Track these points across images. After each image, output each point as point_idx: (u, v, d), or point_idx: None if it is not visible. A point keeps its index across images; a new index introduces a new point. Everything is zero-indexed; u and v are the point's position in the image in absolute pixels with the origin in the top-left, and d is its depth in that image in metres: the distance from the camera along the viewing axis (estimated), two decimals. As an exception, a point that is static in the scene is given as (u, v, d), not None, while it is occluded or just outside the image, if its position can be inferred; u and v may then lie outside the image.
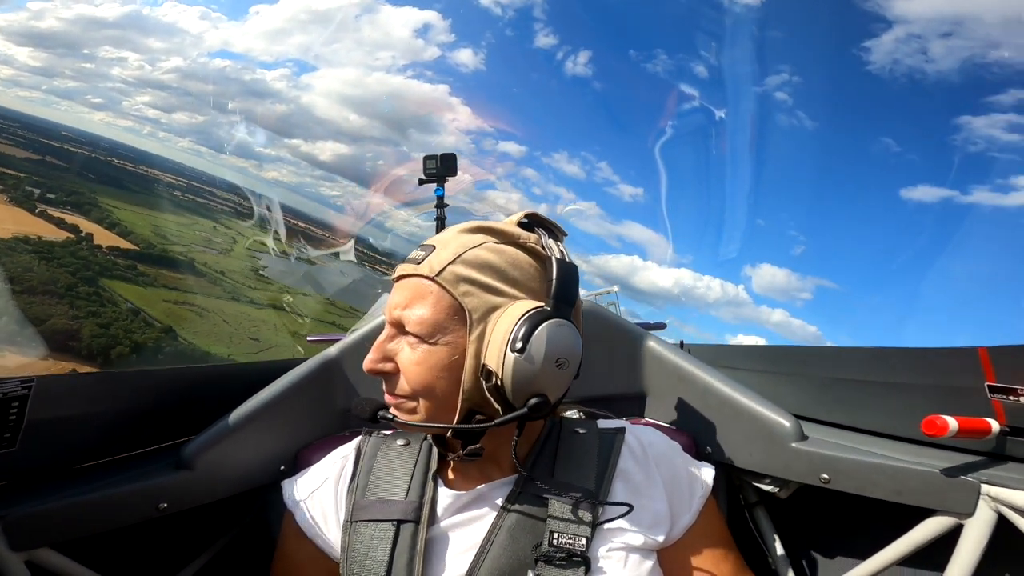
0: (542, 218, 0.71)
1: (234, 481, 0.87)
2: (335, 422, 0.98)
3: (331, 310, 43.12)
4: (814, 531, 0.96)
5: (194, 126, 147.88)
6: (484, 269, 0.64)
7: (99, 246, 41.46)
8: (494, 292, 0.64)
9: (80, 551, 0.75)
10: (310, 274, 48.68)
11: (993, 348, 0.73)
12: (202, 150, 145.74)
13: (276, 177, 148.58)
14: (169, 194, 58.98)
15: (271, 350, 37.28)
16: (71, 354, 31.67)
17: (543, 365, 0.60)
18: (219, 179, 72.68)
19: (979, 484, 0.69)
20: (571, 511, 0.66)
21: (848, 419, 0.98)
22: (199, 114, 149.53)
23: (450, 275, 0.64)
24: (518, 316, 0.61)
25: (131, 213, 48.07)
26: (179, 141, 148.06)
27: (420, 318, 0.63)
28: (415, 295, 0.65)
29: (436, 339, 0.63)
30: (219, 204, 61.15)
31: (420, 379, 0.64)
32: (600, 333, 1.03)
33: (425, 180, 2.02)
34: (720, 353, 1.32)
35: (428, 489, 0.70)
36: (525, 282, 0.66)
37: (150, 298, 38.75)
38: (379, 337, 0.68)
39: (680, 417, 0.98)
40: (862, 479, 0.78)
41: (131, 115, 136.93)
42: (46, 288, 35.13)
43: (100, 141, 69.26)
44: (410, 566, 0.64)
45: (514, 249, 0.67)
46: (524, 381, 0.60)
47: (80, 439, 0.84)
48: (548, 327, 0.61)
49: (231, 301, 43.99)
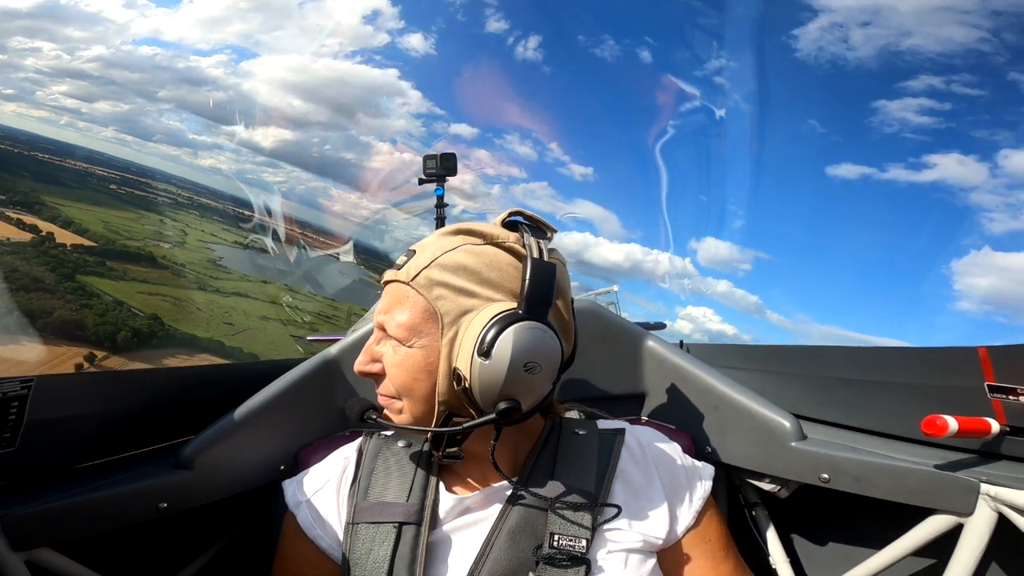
0: (529, 215, 0.70)
1: (234, 481, 0.87)
2: (335, 422, 0.98)
3: (296, 297, 46.55)
4: (814, 531, 0.96)
5: (118, 115, 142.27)
6: (459, 272, 0.64)
7: (63, 244, 43.39)
8: (467, 295, 0.64)
9: (80, 551, 0.75)
10: (266, 263, 50.62)
11: (993, 348, 0.73)
12: (128, 139, 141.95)
13: (213, 164, 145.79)
14: (107, 188, 59.35)
15: (245, 332, 40.42)
16: (82, 341, 33.78)
17: (510, 370, 0.59)
18: (155, 170, 72.66)
19: (979, 483, 0.69)
20: (571, 513, 0.66)
21: (848, 419, 0.98)
22: (124, 102, 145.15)
23: (424, 279, 0.64)
24: (487, 320, 0.61)
25: (78, 210, 49.54)
26: (102, 130, 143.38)
27: (399, 322, 0.65)
28: (395, 300, 0.67)
29: (412, 342, 0.65)
30: (159, 195, 62.05)
31: (400, 381, 0.66)
32: (600, 333, 1.03)
33: (425, 180, 2.02)
34: (720, 353, 1.32)
35: (430, 492, 0.70)
36: (503, 283, 0.64)
37: (127, 291, 40.98)
38: (369, 340, 0.70)
39: (680, 417, 0.98)
40: (862, 478, 0.78)
41: (46, 105, 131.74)
42: (38, 286, 36.92)
43: (18, 134, 69.38)
44: (411, 568, 0.64)
45: (494, 249, 0.66)
46: (491, 386, 0.60)
47: (80, 439, 0.84)
48: (515, 331, 0.59)
49: (199, 291, 46.51)
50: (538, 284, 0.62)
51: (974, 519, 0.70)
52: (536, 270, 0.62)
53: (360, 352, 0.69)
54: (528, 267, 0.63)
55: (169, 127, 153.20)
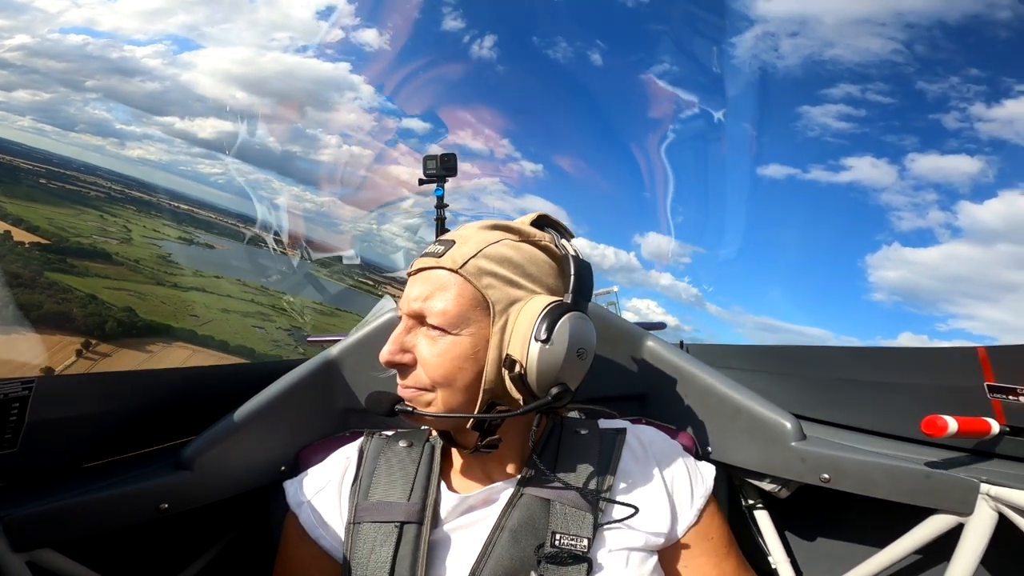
0: (552, 220, 0.75)
1: (235, 482, 0.87)
2: (336, 423, 0.98)
3: (246, 291, 48.28)
4: (814, 531, 0.96)
5: (37, 104, 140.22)
6: (504, 264, 0.66)
7: (22, 242, 44.36)
8: (514, 285, 0.66)
9: (81, 552, 0.75)
10: (220, 259, 52.00)
11: (992, 348, 0.73)
12: (46, 128, 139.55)
13: (142, 155, 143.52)
14: (36, 182, 58.87)
15: (209, 324, 41.90)
16: (73, 331, 34.76)
17: (567, 355, 0.63)
18: (76, 161, 71.70)
19: (979, 483, 0.69)
20: (573, 512, 0.66)
21: (848, 419, 0.98)
22: (44, 91, 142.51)
23: (473, 268, 0.65)
24: (541, 308, 0.64)
25: (18, 207, 50.08)
26: (18, 120, 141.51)
27: (443, 310, 0.64)
28: (437, 287, 0.66)
29: (459, 330, 0.65)
30: (90, 190, 61.44)
31: (442, 370, 0.65)
32: (600, 333, 1.02)
33: (425, 180, 2.01)
34: (720, 353, 1.32)
35: (431, 491, 0.70)
36: (541, 278, 0.69)
37: (94, 286, 41.96)
38: (396, 330, 0.68)
39: (680, 417, 0.98)
40: (862, 479, 0.78)
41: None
42: (18, 281, 37.89)
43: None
44: (413, 568, 0.64)
45: (531, 247, 0.70)
46: (548, 370, 0.63)
47: (81, 440, 0.84)
48: (571, 318, 0.64)
49: (157, 286, 48.14)
50: (582, 279, 0.69)
51: (974, 519, 0.70)
52: (580, 267, 0.69)
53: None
54: (572, 264, 0.69)
55: (94, 116, 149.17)
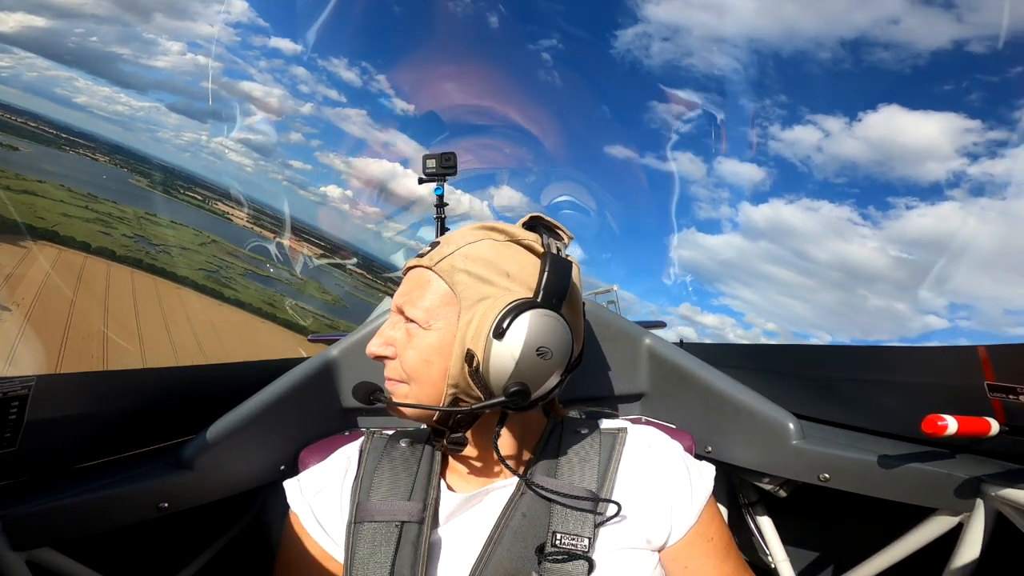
0: (546, 220, 0.75)
1: (234, 481, 0.87)
2: (335, 422, 0.98)
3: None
4: (814, 531, 0.96)
5: None
6: (480, 262, 0.67)
7: None
8: (486, 283, 0.66)
9: (81, 550, 0.75)
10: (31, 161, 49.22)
11: (993, 347, 0.73)
12: None
13: None
14: None
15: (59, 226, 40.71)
16: None
17: (523, 352, 0.62)
18: None
19: (979, 483, 0.69)
20: (573, 512, 0.66)
21: (848, 418, 0.98)
22: None
23: (447, 265, 0.67)
24: (504, 304, 0.64)
25: None
26: None
27: (418, 305, 0.67)
28: (416, 284, 0.69)
29: (430, 324, 0.66)
30: None
31: (412, 363, 0.67)
32: (599, 332, 1.03)
33: (425, 179, 2.00)
34: (720, 352, 1.32)
35: (432, 491, 0.70)
36: (520, 277, 0.68)
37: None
38: (384, 324, 0.71)
39: (680, 416, 0.98)
40: (862, 478, 0.78)
41: None
42: None
43: None
44: (414, 567, 0.64)
45: (515, 246, 0.70)
46: (503, 366, 0.62)
47: (80, 439, 0.84)
48: (530, 315, 0.62)
49: None
50: (554, 277, 0.66)
51: (974, 519, 0.70)
52: (553, 264, 0.67)
53: (365, 346, 0.71)
54: (546, 260, 0.67)
55: None
